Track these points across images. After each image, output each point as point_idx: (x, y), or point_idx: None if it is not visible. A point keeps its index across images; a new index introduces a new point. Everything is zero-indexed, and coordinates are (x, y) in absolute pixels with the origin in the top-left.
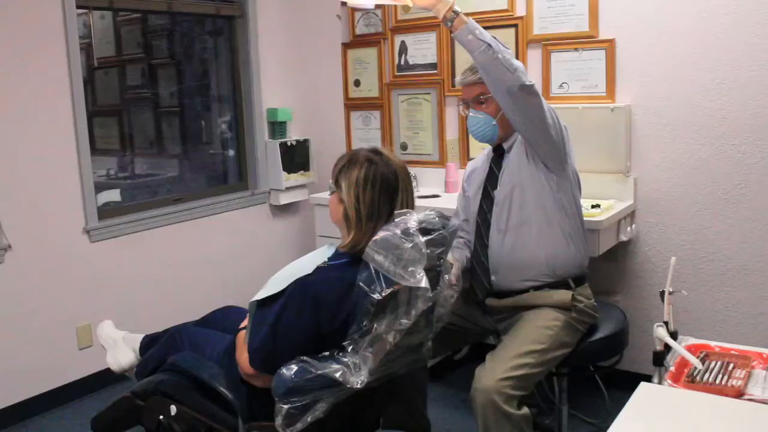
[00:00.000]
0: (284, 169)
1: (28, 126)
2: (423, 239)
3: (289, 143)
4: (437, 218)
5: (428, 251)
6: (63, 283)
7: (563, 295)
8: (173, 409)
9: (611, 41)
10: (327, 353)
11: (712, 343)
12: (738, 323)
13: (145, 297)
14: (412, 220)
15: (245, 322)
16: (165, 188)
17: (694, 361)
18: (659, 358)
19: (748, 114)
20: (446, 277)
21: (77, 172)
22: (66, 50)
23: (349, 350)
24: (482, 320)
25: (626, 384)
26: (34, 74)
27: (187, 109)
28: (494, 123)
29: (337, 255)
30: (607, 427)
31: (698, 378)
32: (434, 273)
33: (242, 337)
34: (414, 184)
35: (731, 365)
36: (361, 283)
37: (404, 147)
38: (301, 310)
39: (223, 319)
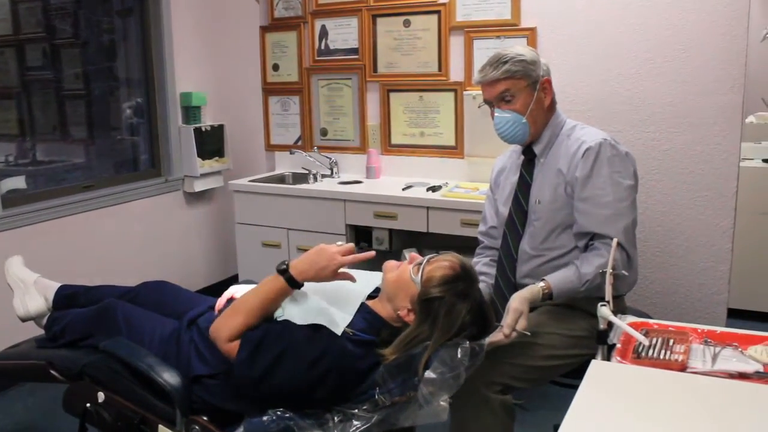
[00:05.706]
0: (198, 156)
1: None
2: (465, 369)
3: (203, 128)
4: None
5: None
6: None
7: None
8: (101, 396)
9: (533, 29)
10: (311, 412)
11: (651, 321)
12: (652, 303)
13: None
14: (465, 345)
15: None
16: (72, 175)
17: (641, 338)
18: (603, 336)
19: (663, 103)
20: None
21: None
22: None
23: (335, 420)
24: None
25: None
26: None
27: (95, 93)
28: (524, 121)
29: (366, 320)
30: (536, 406)
31: (643, 354)
32: None
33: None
34: (335, 170)
35: (671, 341)
36: (382, 374)
37: (324, 133)
38: (311, 368)
39: (155, 297)
